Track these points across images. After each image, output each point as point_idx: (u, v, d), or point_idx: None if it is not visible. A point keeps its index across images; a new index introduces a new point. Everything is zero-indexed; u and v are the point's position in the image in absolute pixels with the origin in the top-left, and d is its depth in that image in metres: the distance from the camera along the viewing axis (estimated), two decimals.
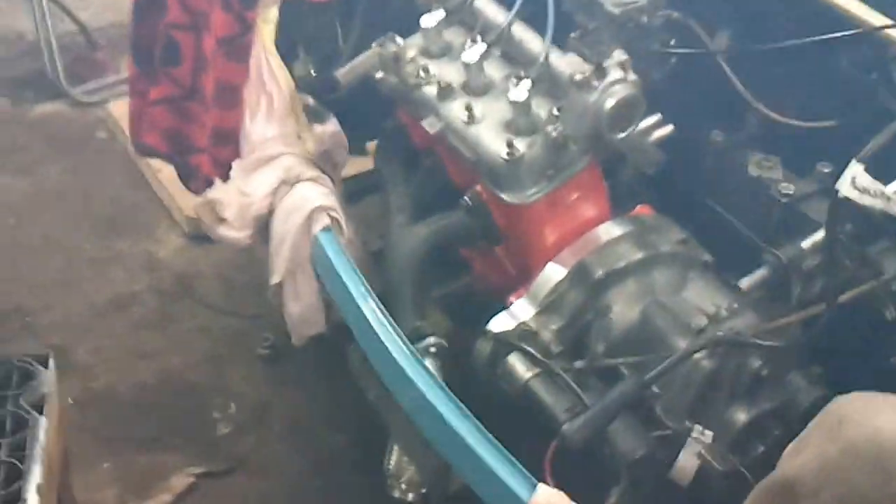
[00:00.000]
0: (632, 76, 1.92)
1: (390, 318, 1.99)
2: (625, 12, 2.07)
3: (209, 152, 2.47)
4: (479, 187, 2.10)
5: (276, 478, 2.69)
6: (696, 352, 1.81)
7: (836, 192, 1.64)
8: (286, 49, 2.43)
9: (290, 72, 2.41)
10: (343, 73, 2.26)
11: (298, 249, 2.25)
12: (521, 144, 1.96)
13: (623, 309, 1.97)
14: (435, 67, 2.17)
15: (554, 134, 1.94)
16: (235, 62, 2.35)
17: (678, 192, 2.25)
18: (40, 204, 3.54)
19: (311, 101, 2.42)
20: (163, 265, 3.30)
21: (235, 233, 2.35)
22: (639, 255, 1.99)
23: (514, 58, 2.15)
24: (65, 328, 3.06)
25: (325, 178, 2.32)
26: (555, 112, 1.96)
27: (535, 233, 2.07)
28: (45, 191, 3.61)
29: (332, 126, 2.43)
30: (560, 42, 2.13)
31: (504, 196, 2.01)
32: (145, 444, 2.75)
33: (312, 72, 2.43)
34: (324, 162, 2.41)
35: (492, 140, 2.00)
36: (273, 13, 2.38)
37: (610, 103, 1.88)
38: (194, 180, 2.61)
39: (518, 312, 2.02)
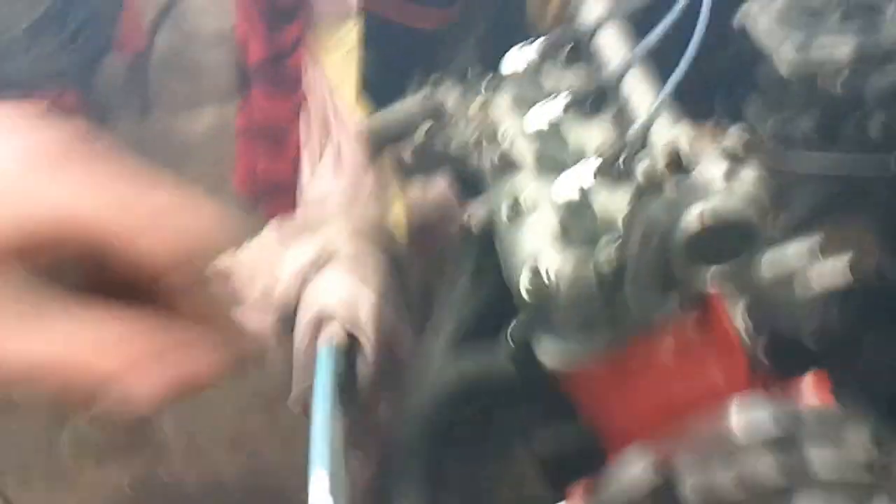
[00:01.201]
0: (746, 176, 1.09)
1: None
2: (800, 73, 1.26)
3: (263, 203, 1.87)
4: None
5: None
6: None
7: None
8: (381, 81, 1.77)
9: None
10: (373, 121, 1.55)
11: (310, 365, 1.59)
12: (558, 267, 1.19)
13: None
14: (514, 126, 1.42)
15: (604, 260, 1.15)
16: (277, 97, 1.72)
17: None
18: None
19: (406, 152, 1.74)
20: None
21: (258, 320, 1.71)
22: (776, 480, 1.16)
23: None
24: None
25: (370, 264, 1.63)
26: (620, 223, 1.17)
27: (594, 406, 1.29)
28: None
29: (436, 189, 1.75)
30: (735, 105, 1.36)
31: (536, 347, 1.24)
32: None
33: None
34: (422, 237, 1.75)
35: (525, 254, 1.24)
36: (347, 37, 1.72)
37: (687, 225, 1.06)
38: None
39: None
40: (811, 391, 1.30)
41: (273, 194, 1.87)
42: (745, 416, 1.22)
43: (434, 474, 1.40)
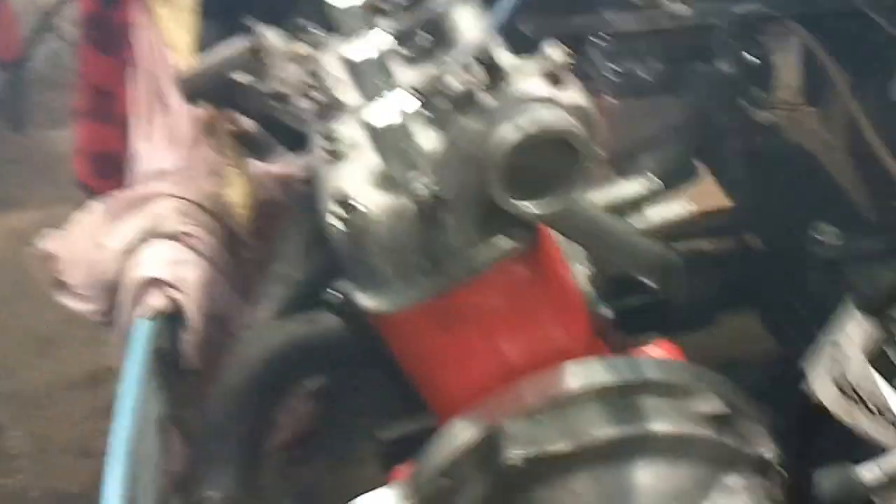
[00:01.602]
0: (569, 91, 0.98)
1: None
2: None
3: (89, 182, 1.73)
4: None
5: None
6: None
7: None
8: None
9: None
10: (189, 69, 1.43)
11: None
12: (375, 201, 1.07)
13: None
14: (339, 66, 1.30)
15: (420, 193, 1.03)
16: (104, 55, 1.58)
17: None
18: None
19: (247, 123, 1.62)
20: None
21: (81, 304, 1.57)
22: (608, 433, 1.07)
23: None
24: (19, 401, 2.41)
25: (201, 238, 1.51)
26: (436, 152, 1.06)
27: (419, 365, 1.18)
28: None
29: (278, 166, 1.63)
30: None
31: (356, 295, 1.12)
32: None
33: None
34: (265, 214, 1.62)
35: (342, 192, 1.12)
36: None
37: (505, 142, 0.96)
38: None
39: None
40: (659, 352, 1.21)
41: (102, 167, 1.73)
42: (581, 370, 1.12)
43: (252, 452, 1.27)
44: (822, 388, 0.75)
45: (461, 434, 1.10)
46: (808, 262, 1.26)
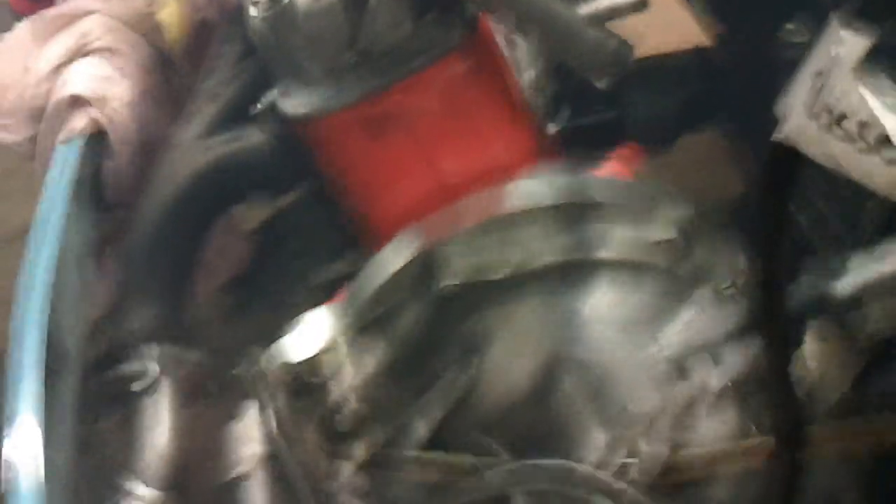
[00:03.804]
0: None
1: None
2: None
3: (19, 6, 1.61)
4: None
5: None
6: None
7: None
8: None
9: None
10: None
11: None
12: None
13: (506, 353, 0.99)
14: None
15: None
16: None
17: None
18: None
19: None
20: None
21: (8, 134, 1.47)
22: (551, 258, 1.00)
23: None
24: None
25: (130, 55, 1.40)
26: None
27: (349, 182, 1.09)
28: None
29: None
30: None
31: (282, 101, 1.03)
32: None
33: None
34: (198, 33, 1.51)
35: None
36: None
37: None
38: None
39: (324, 325, 1.05)
40: (614, 165, 1.12)
41: None
42: (523, 188, 1.03)
43: (178, 280, 1.20)
44: (796, 117, 0.66)
45: (394, 258, 1.02)
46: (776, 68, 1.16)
